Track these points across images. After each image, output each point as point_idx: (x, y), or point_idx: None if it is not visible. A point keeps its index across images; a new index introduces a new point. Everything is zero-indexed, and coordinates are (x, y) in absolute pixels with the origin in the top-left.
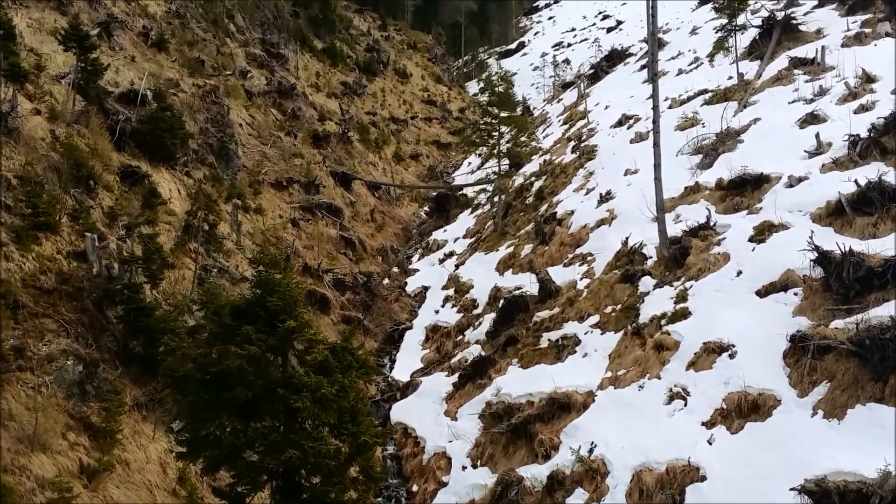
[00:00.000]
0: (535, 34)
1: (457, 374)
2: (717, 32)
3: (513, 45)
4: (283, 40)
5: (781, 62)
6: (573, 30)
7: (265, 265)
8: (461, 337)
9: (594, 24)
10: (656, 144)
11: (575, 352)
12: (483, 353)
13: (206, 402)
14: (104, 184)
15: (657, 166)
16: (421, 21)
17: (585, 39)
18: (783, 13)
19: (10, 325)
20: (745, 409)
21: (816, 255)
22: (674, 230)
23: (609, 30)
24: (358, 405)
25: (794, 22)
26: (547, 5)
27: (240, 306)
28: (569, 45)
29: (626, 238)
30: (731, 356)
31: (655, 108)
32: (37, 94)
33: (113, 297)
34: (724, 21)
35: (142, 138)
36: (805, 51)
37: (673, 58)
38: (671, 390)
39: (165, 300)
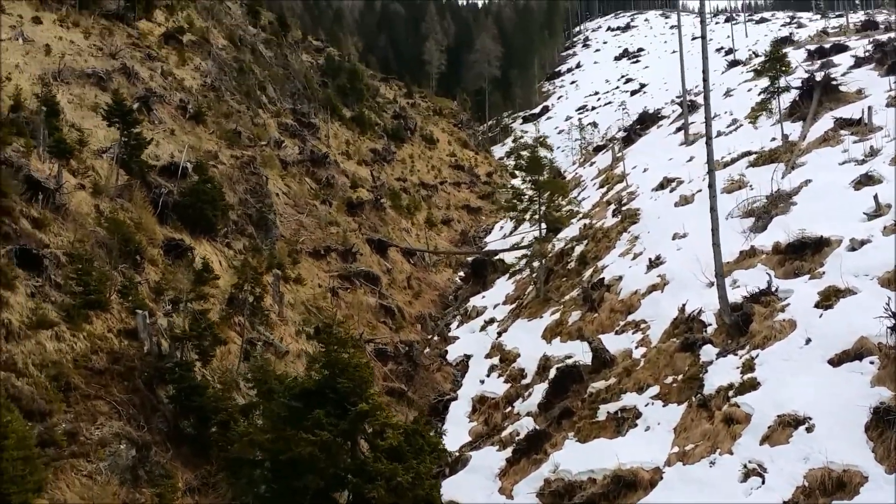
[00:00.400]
0: (559, 98)
1: (510, 449)
2: (759, 95)
3: (536, 110)
4: (313, 110)
5: (826, 123)
6: (596, 93)
7: (333, 344)
8: (510, 408)
9: (617, 87)
10: (713, 209)
11: (636, 425)
12: (537, 427)
13: (276, 491)
14: (149, 258)
15: (715, 231)
16: (445, 87)
17: (610, 103)
18: (822, 74)
19: (63, 409)
20: (829, 487)
21: (894, 321)
22: (733, 296)
23: (633, 93)
24: (433, 493)
25: (835, 83)
26: (569, 70)
27: (308, 388)
28: (593, 108)
29: (683, 305)
30: (809, 429)
31: (711, 171)
32: (80, 170)
33: (163, 376)
34: (766, 83)
35: (183, 211)
36: (850, 111)
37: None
38: (746, 466)
39: (216, 378)
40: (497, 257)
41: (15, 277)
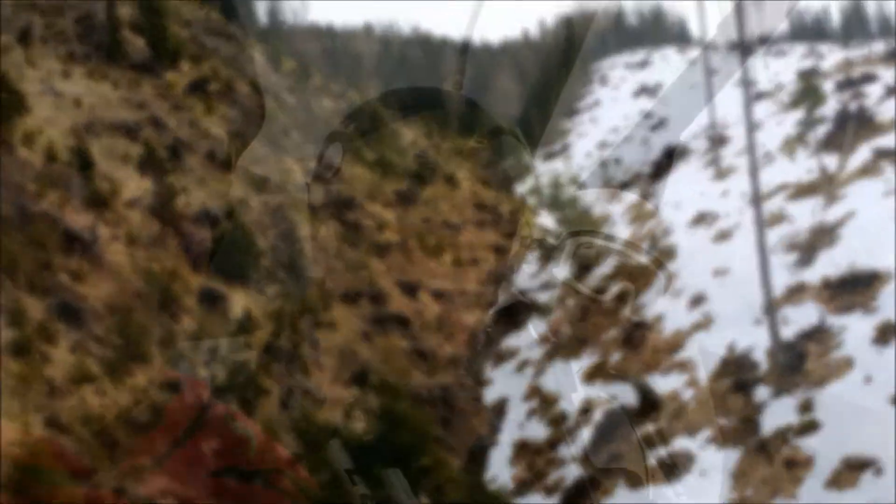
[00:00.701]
0: (579, 136)
1: (557, 497)
2: (793, 126)
3: (556, 147)
4: (337, 153)
5: (863, 153)
6: (616, 129)
7: (387, 395)
8: (553, 454)
9: (637, 122)
10: (761, 245)
11: (690, 470)
12: (584, 473)
13: None
14: (185, 307)
15: (764, 266)
16: (464, 127)
17: (631, 138)
18: (855, 103)
19: (108, 466)
20: None
21: None
22: (784, 333)
23: (654, 127)
24: None
25: (869, 112)
26: (587, 107)
27: (363, 443)
28: (614, 144)
29: (731, 343)
30: (877, 472)
31: (757, 205)
32: (114, 220)
33: (205, 430)
34: (796, 114)
35: (216, 258)
36: (888, 140)
37: (739, 153)
38: None
39: (262, 429)
40: (527, 296)
41: (56, 332)
